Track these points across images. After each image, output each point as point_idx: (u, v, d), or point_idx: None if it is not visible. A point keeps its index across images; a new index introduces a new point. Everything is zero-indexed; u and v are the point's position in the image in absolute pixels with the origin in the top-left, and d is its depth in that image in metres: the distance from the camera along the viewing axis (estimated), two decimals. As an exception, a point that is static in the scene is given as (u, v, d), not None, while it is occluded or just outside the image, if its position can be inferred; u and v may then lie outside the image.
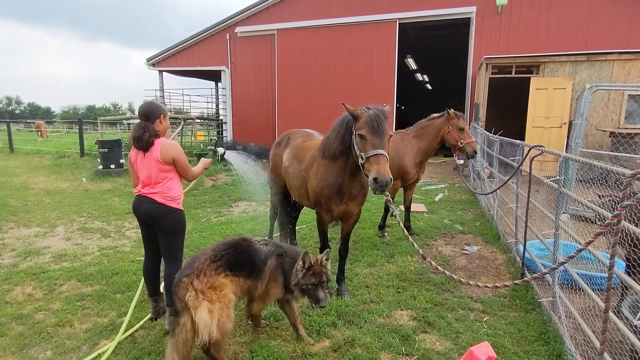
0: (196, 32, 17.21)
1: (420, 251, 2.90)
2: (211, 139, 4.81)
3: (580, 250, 2.07)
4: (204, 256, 2.81)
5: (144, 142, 3.12)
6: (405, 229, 3.25)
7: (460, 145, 5.45)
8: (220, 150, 4.07)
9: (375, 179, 2.97)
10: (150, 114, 3.21)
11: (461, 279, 2.73)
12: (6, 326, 3.42)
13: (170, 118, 3.53)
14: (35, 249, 5.43)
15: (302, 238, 5.79)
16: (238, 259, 2.86)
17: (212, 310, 2.56)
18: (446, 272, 2.75)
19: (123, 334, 3.23)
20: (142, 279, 3.61)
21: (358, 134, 3.17)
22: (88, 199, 8.86)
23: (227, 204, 8.34)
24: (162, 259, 3.40)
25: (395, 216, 3.23)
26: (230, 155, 4.17)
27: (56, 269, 4.70)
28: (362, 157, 3.13)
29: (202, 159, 3.64)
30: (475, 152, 5.51)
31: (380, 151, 3.04)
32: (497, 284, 2.68)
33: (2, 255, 5.18)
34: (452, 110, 5.51)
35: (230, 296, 2.71)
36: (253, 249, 2.98)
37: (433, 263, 2.85)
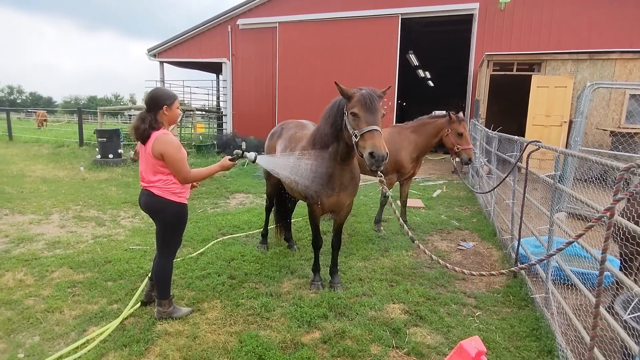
0: (198, 24, 17.11)
1: (410, 233, 2.88)
2: (240, 145, 3.87)
3: (570, 242, 2.04)
4: None
5: (139, 134, 3.01)
6: (397, 213, 3.23)
7: (457, 151, 5.40)
8: (251, 156, 3.26)
9: (371, 153, 2.91)
10: (151, 103, 3.04)
11: (447, 265, 2.70)
12: (-5, 311, 3.40)
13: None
14: (28, 235, 5.40)
15: (298, 230, 5.76)
16: None
17: None
18: (433, 256, 2.73)
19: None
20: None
21: (351, 113, 3.14)
22: (85, 187, 8.82)
23: (224, 196, 8.30)
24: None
25: (389, 197, 3.22)
26: (262, 160, 3.49)
27: (48, 256, 4.67)
28: (356, 135, 3.08)
29: (224, 158, 3.23)
30: (470, 159, 5.41)
31: (375, 127, 3.00)
32: (482, 272, 2.66)
33: (-4, 242, 5.16)
34: (454, 114, 5.42)
35: None
36: None
37: (421, 246, 2.82)
